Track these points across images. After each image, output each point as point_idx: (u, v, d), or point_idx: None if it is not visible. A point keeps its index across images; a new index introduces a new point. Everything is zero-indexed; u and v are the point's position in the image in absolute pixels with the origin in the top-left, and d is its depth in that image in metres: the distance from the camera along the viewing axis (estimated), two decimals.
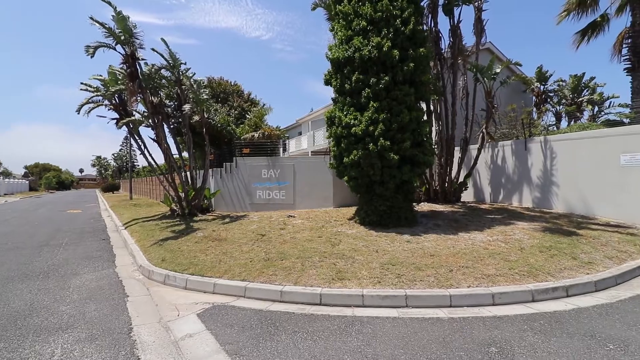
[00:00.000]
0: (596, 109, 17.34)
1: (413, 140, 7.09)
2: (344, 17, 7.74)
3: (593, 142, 8.94)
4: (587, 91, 17.14)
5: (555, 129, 16.84)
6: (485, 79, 10.43)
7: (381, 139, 6.66)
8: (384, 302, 4.22)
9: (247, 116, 17.70)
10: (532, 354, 2.99)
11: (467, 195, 12.34)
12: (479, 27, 10.54)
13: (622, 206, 8.09)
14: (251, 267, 5.38)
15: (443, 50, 10.35)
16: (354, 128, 6.97)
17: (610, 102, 16.93)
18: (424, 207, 10.02)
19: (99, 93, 11.35)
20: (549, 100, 17.65)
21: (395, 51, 6.84)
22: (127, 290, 5.11)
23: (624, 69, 12.23)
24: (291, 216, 9.43)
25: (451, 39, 9.98)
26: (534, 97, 17.08)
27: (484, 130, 10.83)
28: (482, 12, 10.52)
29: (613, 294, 4.37)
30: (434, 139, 11.10)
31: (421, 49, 7.21)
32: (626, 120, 12.64)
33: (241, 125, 17.61)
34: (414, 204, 10.61)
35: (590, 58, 61.17)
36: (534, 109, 16.70)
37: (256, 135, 15.81)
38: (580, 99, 16.82)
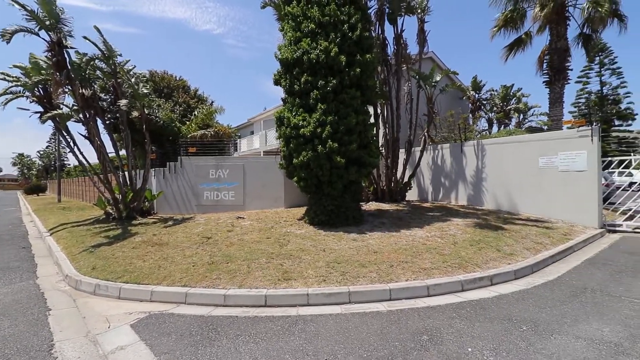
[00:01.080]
0: (522, 116, 19.50)
1: (360, 143, 7.34)
2: (293, 19, 7.77)
3: (517, 146, 10.01)
4: (514, 100, 19.18)
5: (487, 133, 18.59)
6: (426, 86, 11.15)
7: (329, 141, 6.79)
8: (329, 300, 4.31)
9: (195, 114, 16.87)
10: (458, 338, 3.26)
11: (412, 194, 13.07)
12: (422, 37, 11.24)
13: (540, 203, 9.18)
14: (194, 271, 5.16)
15: (389, 57, 10.85)
16: (302, 129, 7.02)
17: (533, 111, 19.17)
18: (372, 206, 10.42)
19: (19, 83, 10.06)
20: (482, 107, 19.42)
21: (343, 57, 7.03)
22: (49, 303, 4.60)
23: (544, 82, 13.90)
24: (240, 217, 9.21)
25: (395, 47, 10.51)
26: (470, 104, 18.67)
27: (425, 133, 11.56)
28: (424, 23, 11.22)
29: (529, 281, 4.94)
30: (381, 141, 11.60)
31: (367, 55, 7.49)
32: (545, 128, 14.39)
33: (187, 123, 16.76)
34: (362, 203, 10.98)
35: (519, 70, 68.44)
36: (470, 115, 18.25)
37: (206, 133, 15.16)
38: (509, 107, 18.75)
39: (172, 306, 4.39)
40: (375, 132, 9.73)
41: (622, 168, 9.80)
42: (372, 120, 9.96)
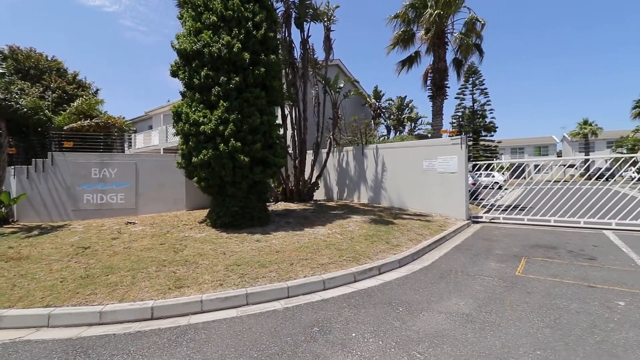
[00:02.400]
0: (413, 124, 22.26)
1: (265, 142, 7.30)
2: (193, 8, 7.29)
3: (407, 150, 11.36)
4: (407, 110, 21.74)
5: (386, 138, 20.65)
6: (332, 91, 11.78)
7: (232, 139, 6.58)
8: (225, 304, 4.16)
9: (74, 104, 14.29)
10: (345, 326, 3.52)
11: (320, 194, 13.64)
12: (328, 45, 11.82)
13: (424, 200, 10.59)
14: (62, 288, 4.37)
15: (296, 60, 11.11)
16: (203, 126, 6.63)
17: (421, 120, 22.07)
18: (280, 206, 10.49)
19: None
20: (382, 114, 21.50)
21: (246, 54, 6.90)
22: None
23: (428, 96, 16.09)
24: (131, 223, 8.19)
25: (302, 51, 10.82)
26: (371, 111, 20.45)
27: (331, 136, 12.20)
28: (330, 31, 11.82)
29: (410, 268, 5.63)
30: (289, 143, 11.78)
31: (273, 56, 7.51)
32: (429, 135, 16.69)
33: (63, 113, 14.13)
34: (270, 203, 10.98)
35: (412, 83, 78.06)
36: (372, 121, 20.01)
37: (88, 125, 12.97)
38: (403, 116, 21.18)
39: (28, 332, 3.64)
40: (282, 133, 9.84)
41: (487, 170, 12.07)
42: (279, 121, 10.05)
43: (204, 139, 6.73)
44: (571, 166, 26.30)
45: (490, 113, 32.80)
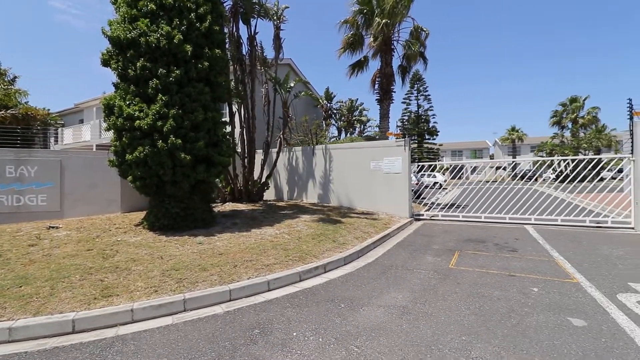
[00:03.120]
0: (363, 126, 22.99)
1: (209, 140, 6.99)
2: None
3: (355, 151, 11.68)
4: (357, 112, 22.39)
5: (337, 139, 21.07)
6: (282, 90, 11.69)
7: (172, 136, 6.19)
8: (159, 312, 3.89)
9: None
10: (287, 325, 3.49)
11: (270, 194, 13.45)
12: (277, 43, 11.71)
13: (371, 199, 10.97)
14: None
15: (244, 57, 10.84)
16: (138, 121, 6.15)
17: (371, 123, 22.90)
18: (227, 207, 10.14)
19: None
20: (333, 115, 21.90)
21: (188, 46, 6.55)
22: None
23: (376, 100, 16.72)
24: (53, 227, 7.32)
25: (250, 48, 10.59)
26: (323, 112, 20.72)
27: (281, 136, 12.11)
28: (280, 30, 11.73)
29: (355, 265, 5.78)
30: (237, 141, 11.46)
31: (218, 50, 7.22)
32: (377, 137, 17.37)
33: None
34: (218, 204, 10.57)
35: (362, 86, 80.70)
36: (323, 122, 20.27)
37: (0, 115, 11.30)
38: (353, 118, 21.78)
39: None
40: (229, 131, 9.53)
41: (430, 171, 12.85)
42: (226, 119, 9.72)
43: (139, 135, 6.25)
44: (501, 168, 29.21)
45: (433, 118, 35.13)
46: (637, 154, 8.19)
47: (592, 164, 9.62)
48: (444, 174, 21.58)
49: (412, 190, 11.88)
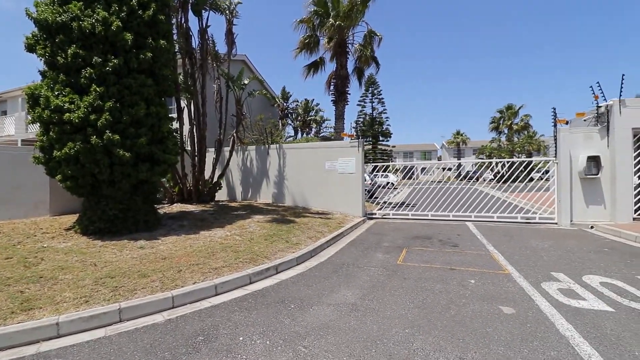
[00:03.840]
0: (319, 127, 23.19)
1: (152, 137, 6.53)
2: None
3: (311, 151, 11.70)
4: (313, 113, 22.51)
5: (294, 139, 21.00)
6: (235, 87, 11.33)
7: (108, 131, 5.67)
8: (90, 324, 3.53)
9: None
10: (233, 330, 3.36)
11: (222, 194, 12.98)
12: (230, 39, 11.34)
13: (326, 199, 11.06)
14: None
15: (195, 50, 10.33)
16: (68, 114, 5.55)
17: (327, 123, 23.17)
18: (175, 208, 9.59)
19: None
20: (290, 115, 21.80)
21: (129, 34, 6.06)
22: None
23: (332, 101, 16.94)
24: None
25: (200, 41, 10.12)
26: (279, 111, 20.52)
27: (234, 134, 11.74)
28: (232, 25, 11.37)
29: (307, 265, 5.76)
30: (187, 139, 10.89)
31: (163, 41, 6.78)
32: (332, 138, 17.60)
33: None
34: (164, 205, 9.96)
35: (318, 87, 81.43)
36: (280, 122, 20.08)
37: None
38: (309, 118, 21.85)
39: None
40: (178, 127, 9.02)
41: (383, 172, 13.29)
42: (174, 115, 9.20)
43: (70, 129, 5.64)
44: (447, 169, 31.27)
45: (387, 120, 36.48)
46: (560, 157, 9.22)
47: (524, 166, 10.61)
48: (396, 175, 22.53)
49: (366, 190, 12.23)
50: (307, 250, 6.28)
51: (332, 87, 16.91)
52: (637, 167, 8.84)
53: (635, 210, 8.74)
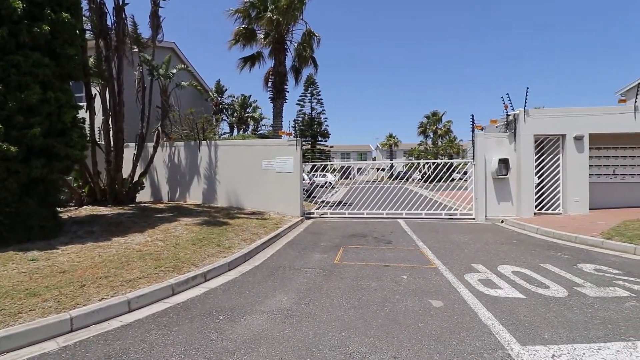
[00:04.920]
0: (257, 124, 22.47)
1: (50, 127, 5.47)
2: None
3: (247, 149, 11.18)
4: (251, 109, 21.75)
5: (229, 136, 20.01)
6: (160, 76, 10.27)
7: None
8: None
9: None
10: (148, 353, 2.88)
11: (145, 195, 11.70)
12: (155, 22, 10.24)
13: (262, 199, 10.65)
14: None
15: (110, 29, 9.06)
16: None
17: (265, 121, 22.58)
18: (84, 211, 8.28)
19: None
20: (225, 110, 20.72)
21: (18, 1, 4.97)
22: None
23: (269, 98, 16.51)
24: None
25: (116, 19, 8.92)
26: (213, 106, 19.35)
27: (159, 128, 10.65)
28: (158, 7, 10.28)
29: (240, 270, 5.37)
30: (101, 131, 9.54)
31: (66, 14, 5.73)
32: (270, 136, 17.18)
33: None
34: (70, 208, 8.57)
35: (256, 83, 79.17)
36: (214, 117, 18.94)
37: None
38: (246, 115, 21.05)
39: None
40: (86, 118, 7.79)
41: (322, 171, 13.30)
42: (83, 103, 7.96)
43: None
44: (381, 169, 32.96)
45: (325, 120, 37.08)
46: (477, 159, 10.21)
47: (446, 167, 11.55)
48: (334, 174, 22.94)
49: (304, 189, 12.11)
50: (240, 254, 5.87)
51: (270, 84, 16.51)
52: (538, 168, 10.24)
53: (536, 206, 10.11)
